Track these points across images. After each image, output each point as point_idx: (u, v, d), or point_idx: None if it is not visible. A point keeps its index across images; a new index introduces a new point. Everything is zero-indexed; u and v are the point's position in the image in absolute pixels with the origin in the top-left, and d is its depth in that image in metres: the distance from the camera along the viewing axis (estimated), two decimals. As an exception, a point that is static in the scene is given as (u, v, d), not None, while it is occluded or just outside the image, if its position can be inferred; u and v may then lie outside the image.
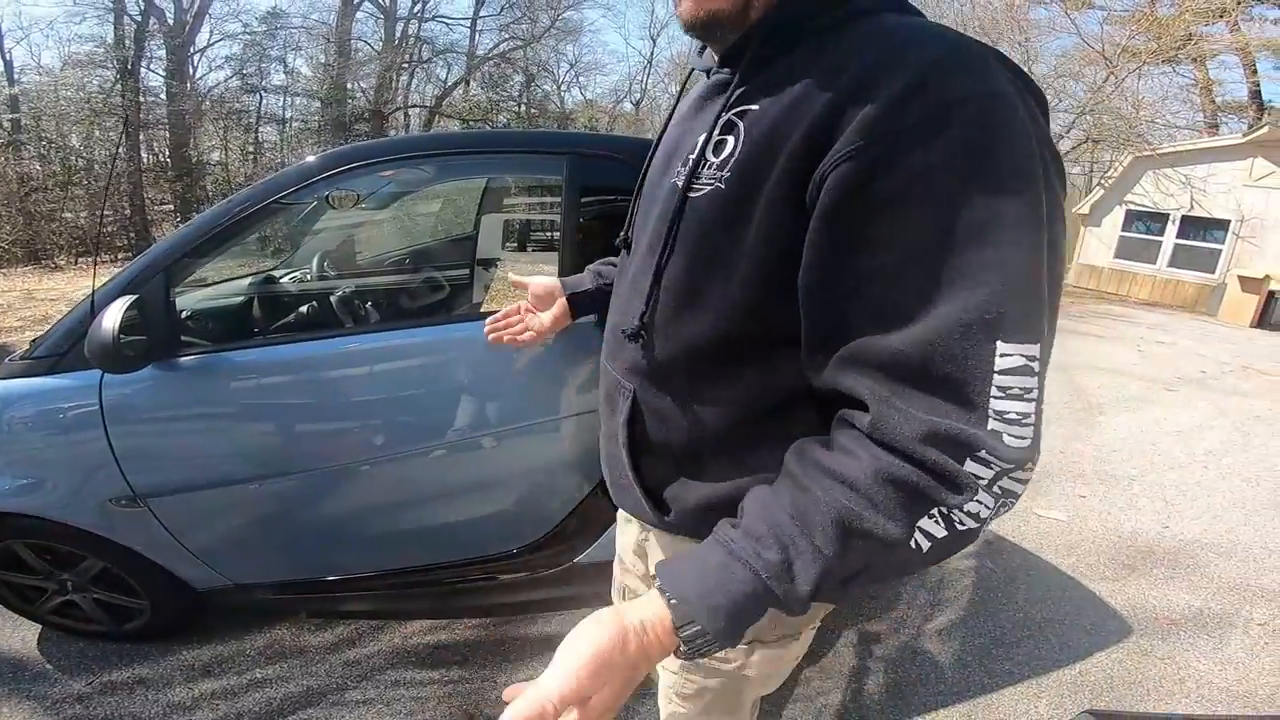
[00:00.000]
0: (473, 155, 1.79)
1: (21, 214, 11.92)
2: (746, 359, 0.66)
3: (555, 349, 1.55)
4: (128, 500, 1.61)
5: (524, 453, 1.64)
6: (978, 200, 0.50)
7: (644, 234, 0.75)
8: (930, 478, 0.51)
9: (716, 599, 0.52)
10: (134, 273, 1.53)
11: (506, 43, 19.60)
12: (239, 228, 1.56)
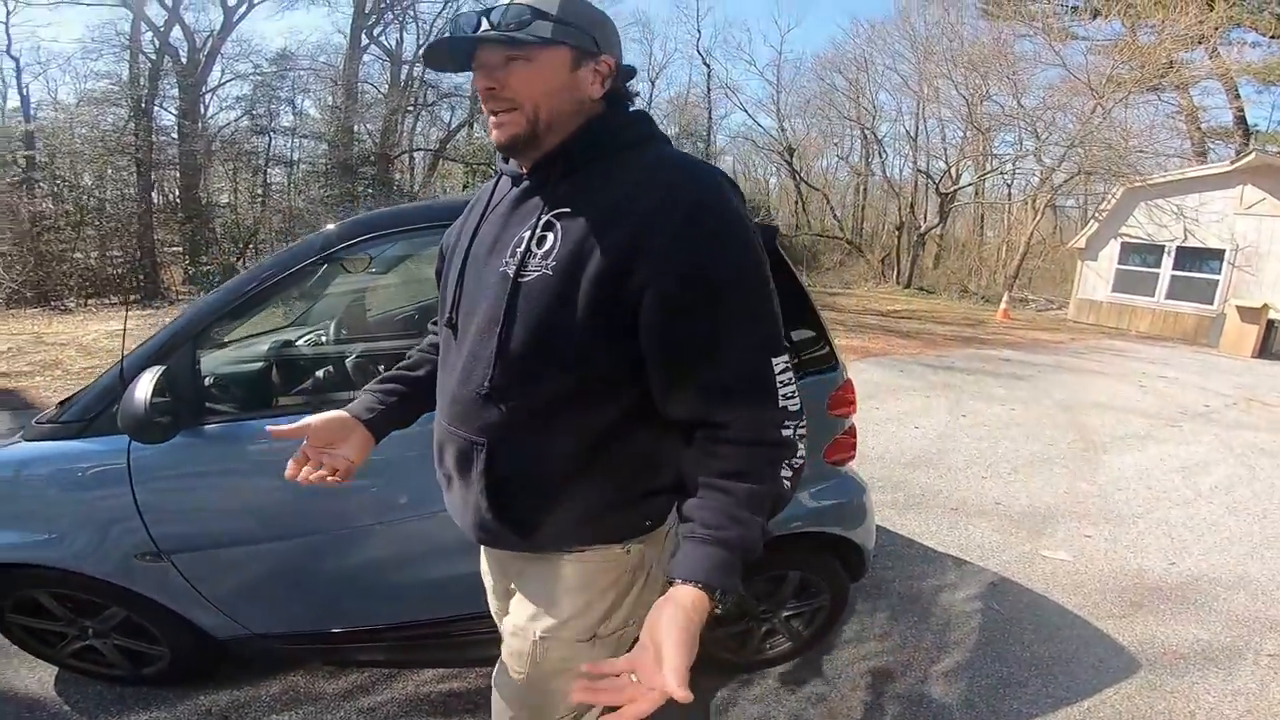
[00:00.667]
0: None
1: (33, 254, 12.03)
2: (589, 399, 0.89)
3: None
4: (151, 555, 1.66)
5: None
6: (741, 286, 0.83)
7: (474, 314, 0.93)
8: (779, 447, 0.84)
9: (721, 568, 0.79)
10: (162, 342, 1.61)
11: (508, 84, 20.07)
12: (263, 296, 1.65)
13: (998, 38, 16.79)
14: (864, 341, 8.73)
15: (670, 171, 0.86)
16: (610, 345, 0.85)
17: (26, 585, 1.75)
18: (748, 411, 0.83)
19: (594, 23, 0.92)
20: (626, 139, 0.93)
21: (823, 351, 2.01)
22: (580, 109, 0.92)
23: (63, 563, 1.68)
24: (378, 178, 16.29)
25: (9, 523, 1.68)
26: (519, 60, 0.89)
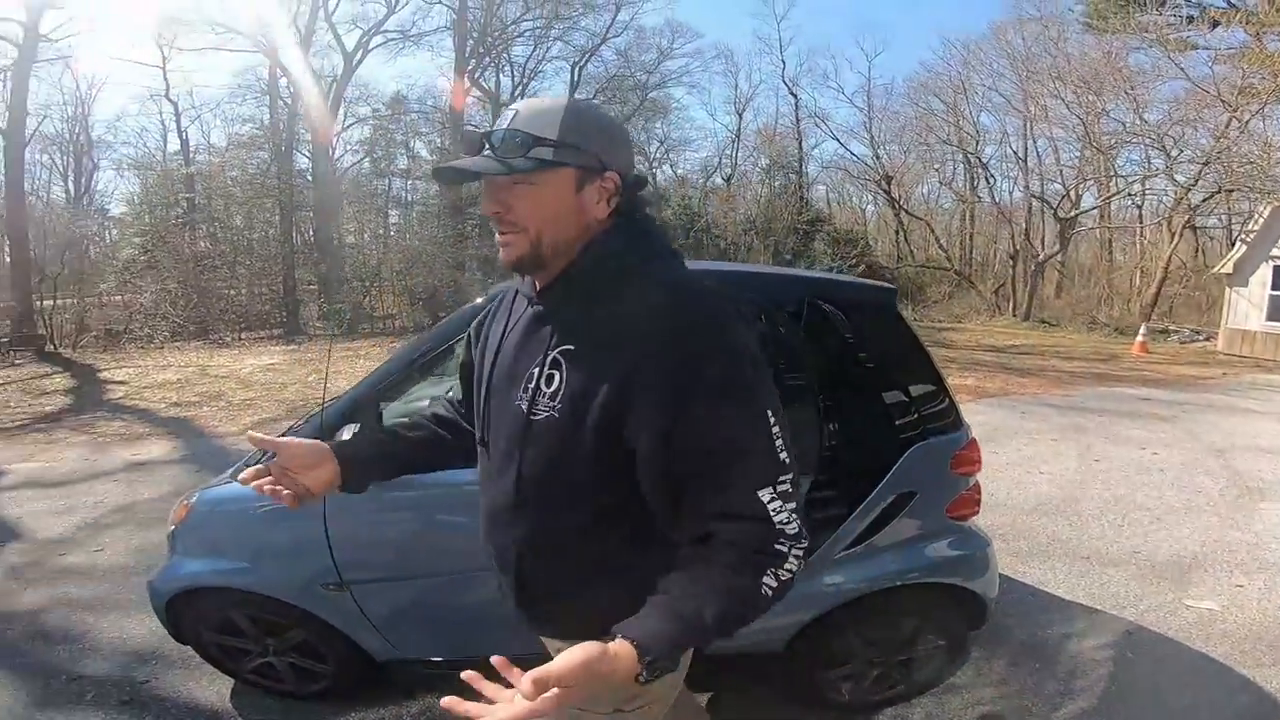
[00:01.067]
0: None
1: (195, 290, 13.63)
2: (603, 521, 0.93)
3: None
4: (335, 584, 1.90)
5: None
6: (731, 422, 0.84)
7: (500, 439, 0.99)
8: (769, 556, 0.84)
9: (662, 637, 0.78)
10: (355, 399, 1.86)
11: (600, 124, 20.75)
12: (433, 361, 1.90)
13: (1108, 52, 15.74)
14: (979, 380, 8.27)
15: (665, 304, 0.88)
16: (616, 479, 0.89)
17: (227, 606, 2.02)
18: (743, 533, 0.84)
19: (598, 137, 0.92)
20: (628, 262, 0.93)
21: (944, 409, 2.02)
22: (586, 231, 0.93)
23: (260, 588, 1.94)
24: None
25: (220, 552, 1.98)
26: (522, 185, 0.91)
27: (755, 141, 22.62)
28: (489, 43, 19.17)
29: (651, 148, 22.21)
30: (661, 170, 22.85)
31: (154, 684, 2.29)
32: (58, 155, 20.46)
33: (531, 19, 19.36)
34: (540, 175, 0.90)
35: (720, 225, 19.77)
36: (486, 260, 14.10)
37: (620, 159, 0.94)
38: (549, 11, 19.17)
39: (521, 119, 0.91)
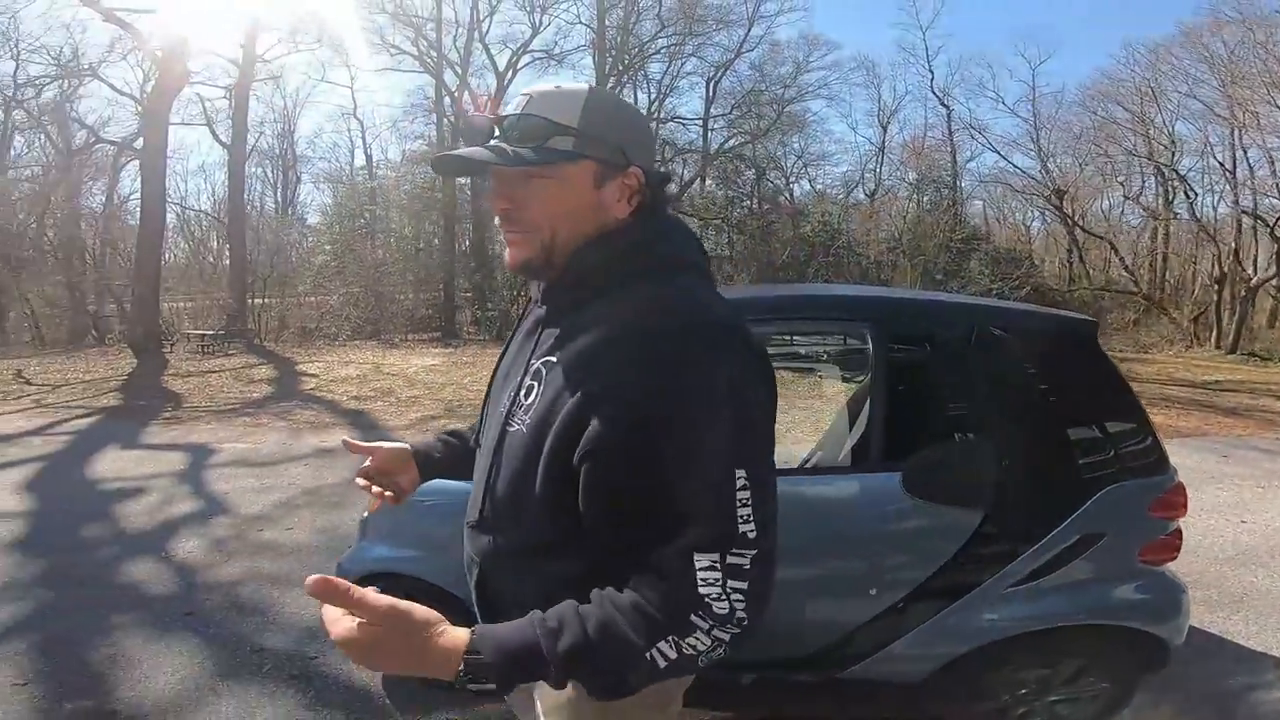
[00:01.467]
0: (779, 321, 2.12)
1: (373, 295, 15.31)
2: (566, 547, 0.82)
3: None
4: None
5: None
6: (695, 474, 0.72)
7: (484, 447, 0.94)
8: (675, 626, 0.71)
9: (505, 643, 0.70)
10: None
11: (735, 139, 20.38)
12: None
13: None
14: (1170, 418, 7.25)
15: (656, 327, 0.76)
16: (565, 510, 0.79)
17: (400, 593, 2.19)
18: (657, 592, 0.72)
19: (623, 128, 0.84)
20: (633, 268, 0.83)
21: (1146, 449, 1.88)
22: (603, 230, 0.84)
23: (429, 576, 2.04)
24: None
25: (400, 540, 2.13)
26: (538, 178, 0.82)
27: (901, 155, 21.43)
28: (626, 60, 19.83)
29: (788, 162, 21.67)
30: (799, 185, 22.24)
31: (319, 661, 2.46)
32: (268, 168, 23.68)
33: (666, 36, 19.75)
34: (558, 168, 0.81)
35: (862, 243, 18.96)
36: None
37: (644, 153, 0.86)
38: (683, 28, 19.45)
39: (537, 104, 0.82)
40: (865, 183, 21.87)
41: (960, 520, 1.77)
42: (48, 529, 3.81)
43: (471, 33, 18.68)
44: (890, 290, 3.73)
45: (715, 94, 20.59)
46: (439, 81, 18.56)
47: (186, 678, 2.34)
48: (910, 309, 2.21)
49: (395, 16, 17.87)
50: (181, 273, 20.10)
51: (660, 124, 20.79)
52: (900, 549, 1.85)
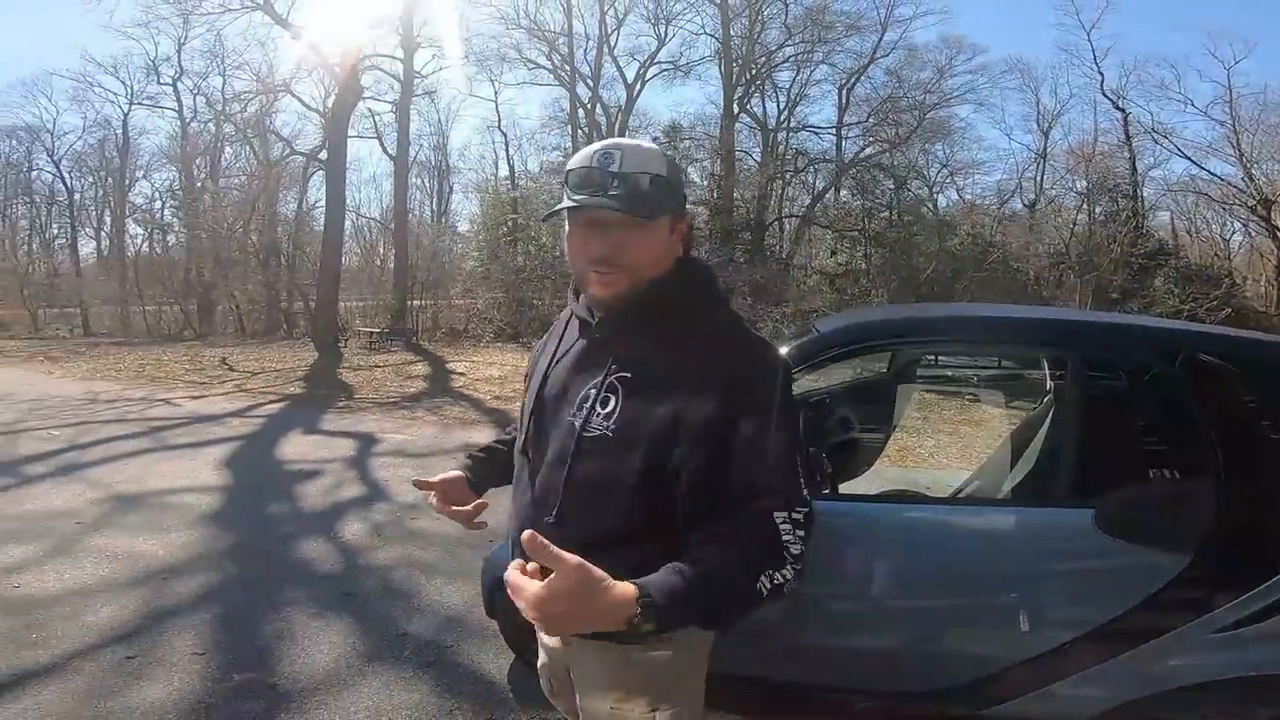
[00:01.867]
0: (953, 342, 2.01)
1: (515, 300, 16.29)
2: (637, 535, 0.96)
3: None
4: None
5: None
6: (772, 451, 0.93)
7: (545, 451, 1.04)
8: (770, 557, 0.90)
9: (667, 587, 0.83)
10: None
11: (872, 147, 19.44)
12: None
13: None
14: None
15: (724, 353, 0.97)
16: (653, 497, 0.95)
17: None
18: (753, 541, 0.90)
19: (681, 180, 0.98)
20: (693, 304, 1.02)
21: None
22: (669, 268, 0.99)
23: None
24: (752, 246, 17.57)
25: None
26: (635, 228, 0.94)
27: (1067, 162, 19.29)
28: (753, 70, 19.55)
29: (932, 171, 20.22)
30: (944, 195, 20.72)
31: (454, 650, 2.58)
32: (425, 179, 25.98)
33: (793, 44, 19.27)
34: (658, 219, 0.97)
35: (1020, 257, 17.32)
36: (758, 286, 14.38)
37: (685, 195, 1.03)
38: (811, 36, 18.88)
39: (638, 160, 0.96)
40: (1023, 192, 19.95)
41: (1160, 562, 1.63)
42: (239, 504, 4.38)
43: (601, 46, 19.42)
44: (1085, 313, 3.42)
45: (849, 101, 19.87)
46: (572, 94, 19.45)
47: (339, 656, 2.55)
48: (1115, 334, 2.04)
49: (530, 32, 19.05)
50: (354, 275, 22.48)
51: (791, 133, 20.33)
52: (1081, 587, 1.73)
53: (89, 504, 4.26)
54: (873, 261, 18.47)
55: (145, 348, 15.68)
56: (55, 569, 3.28)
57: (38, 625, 2.71)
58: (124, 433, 6.47)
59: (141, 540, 3.65)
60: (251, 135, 22.30)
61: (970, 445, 5.50)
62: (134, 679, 2.37)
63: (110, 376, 10.80)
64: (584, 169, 0.97)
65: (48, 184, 26.51)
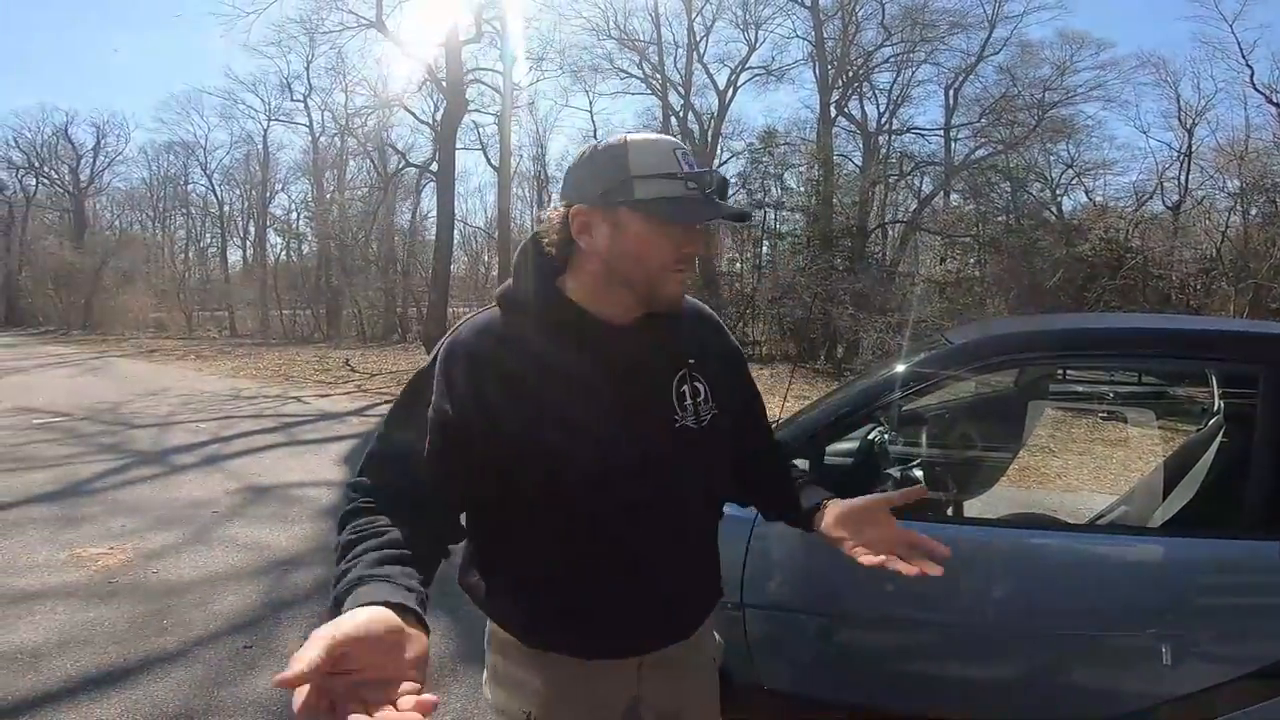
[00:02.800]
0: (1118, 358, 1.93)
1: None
2: (716, 511, 1.15)
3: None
4: (733, 605, 1.98)
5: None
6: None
7: (639, 456, 0.98)
8: None
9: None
10: (808, 431, 1.91)
11: (985, 148, 18.14)
12: (904, 400, 1.92)
13: None
14: None
15: (711, 317, 1.17)
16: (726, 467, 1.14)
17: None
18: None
19: None
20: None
21: None
22: None
23: None
24: (853, 252, 16.89)
25: None
26: (704, 231, 1.09)
27: (1216, 161, 17.16)
28: (850, 72, 18.79)
29: (1056, 171, 18.61)
30: (1071, 197, 18.99)
31: None
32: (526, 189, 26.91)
33: (892, 44, 18.27)
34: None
35: (1163, 263, 15.60)
36: (859, 295, 13.77)
37: None
38: (912, 35, 17.83)
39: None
40: (1165, 193, 17.92)
41: None
42: (357, 498, 4.68)
43: (690, 53, 19.33)
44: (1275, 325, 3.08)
45: (957, 101, 18.68)
46: (664, 102, 19.50)
47: (440, 655, 2.63)
48: None
49: (620, 42, 19.23)
50: (462, 281, 23.74)
51: (894, 136, 19.44)
52: (1259, 622, 1.61)
53: (226, 494, 4.70)
54: (988, 269, 17.26)
55: (281, 348, 17.28)
56: (191, 557, 3.62)
57: (170, 612, 2.98)
58: (260, 428, 7.13)
59: (268, 531, 3.98)
60: (371, 149, 24.05)
61: (1106, 467, 5.12)
62: (248, 669, 2.54)
63: (250, 375, 11.97)
64: (708, 172, 0.95)
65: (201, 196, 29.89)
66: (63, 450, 6.01)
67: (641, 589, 1.02)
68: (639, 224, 0.93)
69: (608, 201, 0.94)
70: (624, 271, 0.96)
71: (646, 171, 0.92)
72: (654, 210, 0.92)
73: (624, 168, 0.93)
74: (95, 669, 2.51)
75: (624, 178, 0.92)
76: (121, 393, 9.51)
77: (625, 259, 0.95)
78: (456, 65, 16.30)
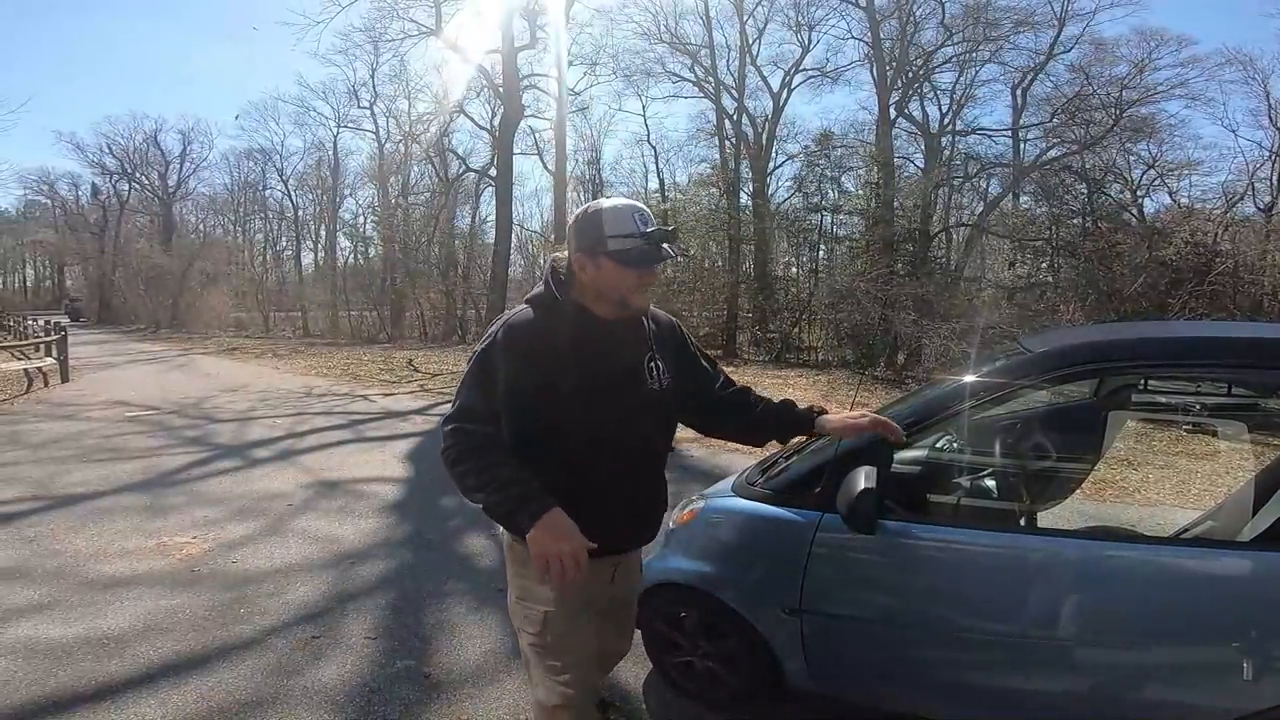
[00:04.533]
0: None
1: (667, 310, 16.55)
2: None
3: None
4: (791, 611, 1.98)
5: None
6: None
7: (627, 413, 1.55)
8: None
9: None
10: (873, 441, 1.86)
11: (1057, 148, 17.29)
12: (967, 411, 1.89)
13: None
14: None
15: (666, 317, 1.73)
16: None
17: (687, 603, 2.26)
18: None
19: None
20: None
21: None
22: None
23: (723, 594, 2.13)
24: (917, 256, 16.34)
25: (705, 555, 2.22)
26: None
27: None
28: (910, 73, 18.16)
29: (1136, 173, 17.49)
30: (1153, 199, 17.80)
31: None
32: (581, 193, 27.12)
33: (954, 44, 17.61)
34: None
35: (1256, 268, 14.50)
36: (921, 300, 13.34)
37: None
38: (974, 34, 17.13)
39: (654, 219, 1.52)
40: (1257, 194, 16.62)
41: None
42: (416, 495, 4.84)
43: (743, 56, 19.07)
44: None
45: (1025, 101, 17.88)
46: (718, 106, 19.31)
47: (488, 652, 2.67)
48: None
49: (673, 46, 19.17)
50: (519, 284, 24.18)
51: (958, 137, 18.71)
52: None
53: (299, 488, 4.94)
54: (1061, 274, 16.42)
55: (350, 348, 18.03)
56: (267, 548, 3.81)
57: (247, 600, 3.14)
58: (330, 424, 7.46)
59: (338, 524, 4.15)
60: (433, 154, 24.84)
61: (1190, 481, 4.83)
62: (314, 659, 2.64)
63: (322, 373, 12.54)
64: (661, 229, 1.48)
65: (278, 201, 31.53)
66: (152, 442, 6.44)
67: (624, 503, 1.57)
68: (611, 266, 1.48)
69: (593, 252, 1.49)
70: (605, 291, 1.52)
71: (614, 232, 1.47)
72: (619, 259, 1.47)
73: (600, 228, 1.48)
74: (175, 655, 2.65)
75: (600, 236, 1.48)
76: (205, 388, 10.14)
77: (606, 285, 1.51)
78: (512, 71, 16.68)
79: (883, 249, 16.05)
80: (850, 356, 14.41)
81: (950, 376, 2.10)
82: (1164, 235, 15.73)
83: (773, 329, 16.40)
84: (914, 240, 16.92)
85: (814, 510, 1.92)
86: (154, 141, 31.90)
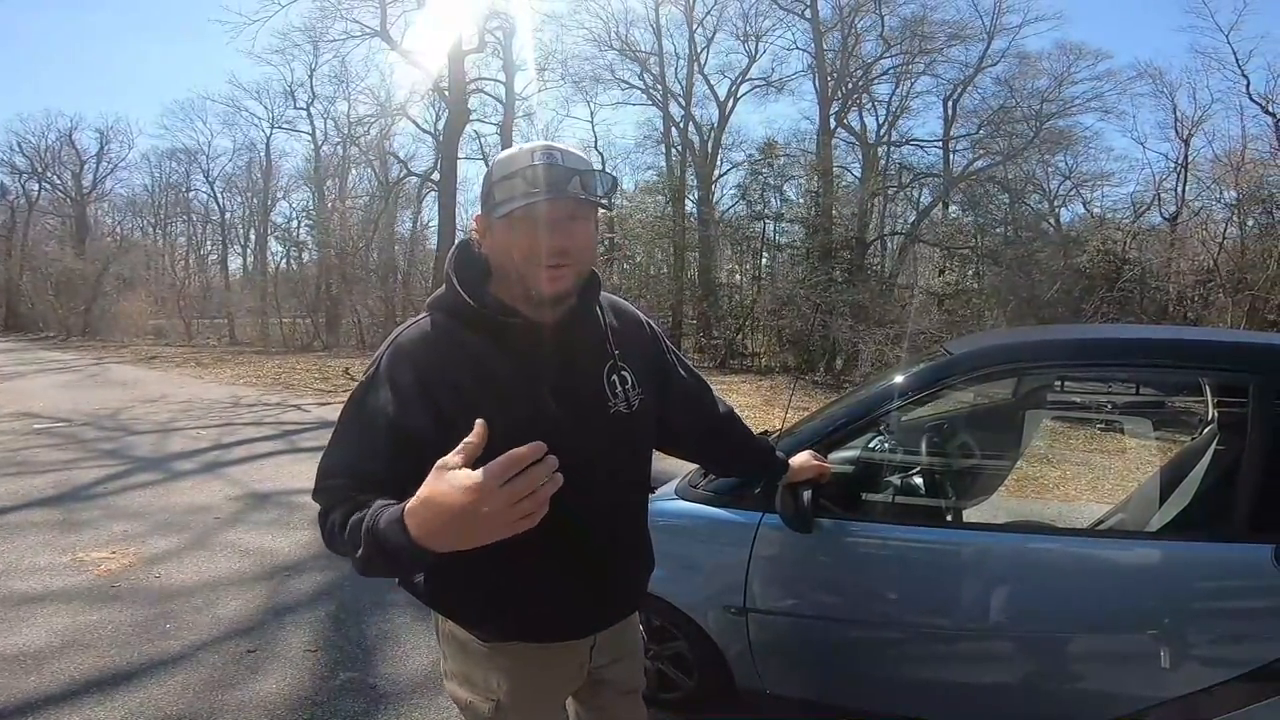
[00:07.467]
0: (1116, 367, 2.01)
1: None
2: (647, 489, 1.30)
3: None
4: (736, 609, 2.02)
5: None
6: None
7: (583, 445, 1.00)
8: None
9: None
10: (809, 442, 1.92)
11: (983, 159, 18.16)
12: (892, 412, 1.98)
13: None
14: None
15: (633, 311, 1.26)
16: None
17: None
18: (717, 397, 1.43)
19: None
20: (600, 285, 1.15)
21: None
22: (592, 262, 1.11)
23: (671, 597, 2.12)
24: (853, 263, 16.93)
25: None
26: (582, 220, 1.02)
27: (1213, 171, 17.27)
28: (850, 84, 18.87)
29: (1053, 183, 18.68)
30: (1069, 209, 19.07)
31: None
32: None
33: (892, 56, 18.37)
34: (598, 213, 1.07)
35: (1161, 275, 15.69)
36: (858, 307, 13.82)
37: None
38: (911, 47, 17.94)
39: (577, 157, 1.02)
40: (1162, 204, 18.01)
41: None
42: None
43: (691, 65, 19.42)
44: (1273, 336, 3.19)
45: (955, 113, 18.77)
46: (665, 113, 19.57)
47: (435, 661, 2.59)
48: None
49: (622, 53, 19.34)
50: (460, 291, 23.74)
51: (893, 147, 19.51)
52: (1249, 625, 1.67)
53: (227, 500, 4.70)
54: (986, 280, 17.32)
55: (281, 356, 17.26)
56: (193, 561, 3.62)
57: (173, 615, 2.98)
58: (261, 435, 7.12)
59: (270, 537, 3.98)
60: (373, 157, 24.14)
61: (1104, 476, 5.14)
62: (251, 672, 2.54)
63: (250, 382, 11.96)
64: (541, 166, 0.98)
65: (203, 203, 29.92)
66: (63, 455, 6.00)
67: (593, 572, 1.12)
68: (500, 227, 1.02)
69: (486, 218, 1.05)
70: (503, 268, 1.05)
71: (501, 177, 1.01)
72: (507, 217, 1.00)
73: (489, 178, 1.03)
74: (98, 671, 2.51)
75: (488, 187, 1.03)
76: (121, 399, 9.52)
77: (499, 257, 1.05)
78: (459, 75, 16.44)
79: (822, 256, 16.57)
80: (791, 362, 14.78)
81: (879, 379, 2.20)
82: (1078, 244, 16.85)
83: (717, 336, 16.63)
84: (851, 248, 17.53)
85: (755, 511, 1.97)
86: (68, 140, 29.80)
